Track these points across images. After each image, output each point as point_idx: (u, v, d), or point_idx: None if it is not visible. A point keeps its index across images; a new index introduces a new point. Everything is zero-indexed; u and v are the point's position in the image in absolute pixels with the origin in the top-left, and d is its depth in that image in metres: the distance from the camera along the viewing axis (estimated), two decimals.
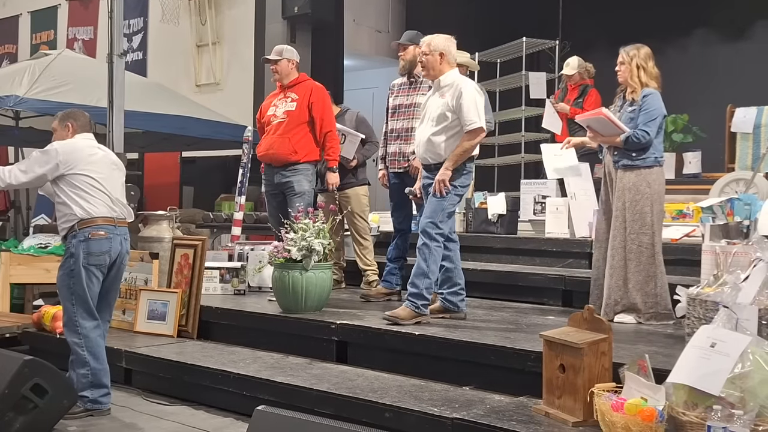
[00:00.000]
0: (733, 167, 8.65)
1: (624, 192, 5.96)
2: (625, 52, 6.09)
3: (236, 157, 9.93)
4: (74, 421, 5.32)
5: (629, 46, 6.12)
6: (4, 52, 17.64)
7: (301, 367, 5.72)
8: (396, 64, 7.12)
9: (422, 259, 5.88)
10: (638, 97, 5.99)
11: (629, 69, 6.02)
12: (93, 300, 5.51)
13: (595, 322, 4.38)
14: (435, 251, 5.87)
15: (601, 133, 6.05)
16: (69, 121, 5.67)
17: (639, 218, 5.94)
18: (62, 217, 5.46)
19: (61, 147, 5.47)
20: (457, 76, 6.00)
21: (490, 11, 12.13)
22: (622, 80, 6.11)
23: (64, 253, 5.51)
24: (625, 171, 5.98)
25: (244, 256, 8.00)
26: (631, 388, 3.98)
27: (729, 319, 4.10)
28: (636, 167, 5.95)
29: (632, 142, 5.89)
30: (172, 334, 6.79)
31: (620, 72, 6.11)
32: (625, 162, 5.97)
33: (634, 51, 6.05)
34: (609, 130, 5.98)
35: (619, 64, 6.11)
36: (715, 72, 10.47)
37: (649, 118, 5.92)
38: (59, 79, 9.53)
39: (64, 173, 5.41)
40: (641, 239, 5.94)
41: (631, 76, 6.01)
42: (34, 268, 7.84)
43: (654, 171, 6.00)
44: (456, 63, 6.13)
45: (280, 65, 7.55)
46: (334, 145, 7.44)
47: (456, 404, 4.70)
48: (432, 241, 5.85)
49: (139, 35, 15.13)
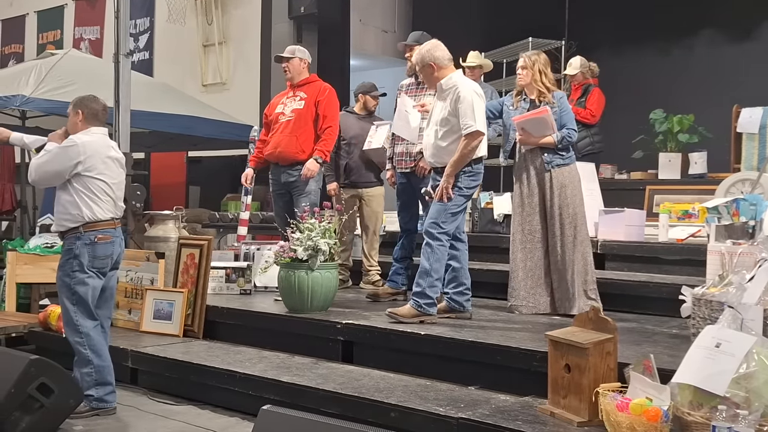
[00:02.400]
0: (739, 167, 8.63)
1: (562, 189, 6.31)
2: (527, 56, 6.47)
3: (242, 156, 9.96)
4: (80, 421, 5.33)
5: (529, 51, 6.63)
6: (10, 52, 17.69)
7: (306, 367, 5.72)
8: (402, 64, 7.13)
9: (425, 258, 5.93)
10: (552, 99, 6.35)
11: (531, 73, 6.38)
12: (93, 301, 5.53)
13: (600, 322, 4.38)
14: (438, 251, 5.89)
15: (533, 135, 6.33)
16: (80, 109, 5.58)
17: (580, 210, 6.34)
18: (65, 214, 5.43)
19: (83, 146, 5.42)
20: (458, 79, 5.99)
21: (497, 11, 12.13)
22: (524, 84, 6.44)
23: (65, 254, 5.49)
24: (559, 169, 6.33)
25: (250, 255, 8.00)
26: (636, 388, 3.98)
27: (734, 319, 4.10)
28: (567, 164, 6.38)
29: (566, 141, 6.31)
30: (178, 334, 6.80)
31: (521, 75, 6.45)
32: (558, 162, 6.35)
33: (535, 56, 6.47)
34: (542, 131, 6.29)
35: (520, 68, 6.47)
36: (720, 72, 10.45)
37: (570, 118, 6.39)
38: (65, 79, 9.56)
39: (81, 173, 5.40)
40: (583, 231, 6.34)
41: (535, 80, 6.37)
42: (41, 267, 7.84)
43: (575, 167, 6.46)
44: (452, 62, 6.12)
45: (292, 63, 7.57)
46: (329, 140, 7.43)
47: (461, 404, 4.70)
48: (434, 241, 5.88)
49: (146, 35, 15.17)
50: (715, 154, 9.22)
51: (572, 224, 6.27)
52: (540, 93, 6.36)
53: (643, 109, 9.60)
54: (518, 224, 6.46)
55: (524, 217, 6.42)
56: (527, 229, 6.40)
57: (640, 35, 11.11)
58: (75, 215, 5.41)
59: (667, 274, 6.86)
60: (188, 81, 13.97)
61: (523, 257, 6.41)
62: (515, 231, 6.49)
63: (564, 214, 6.27)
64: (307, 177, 7.34)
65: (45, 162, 5.41)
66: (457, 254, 6.11)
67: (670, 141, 9.31)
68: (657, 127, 9.42)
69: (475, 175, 6.00)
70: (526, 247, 6.41)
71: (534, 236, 6.39)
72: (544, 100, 6.35)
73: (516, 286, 6.44)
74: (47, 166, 5.41)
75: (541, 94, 6.36)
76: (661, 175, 9.26)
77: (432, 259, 5.90)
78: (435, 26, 9.68)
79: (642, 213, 7.78)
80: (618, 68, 10.72)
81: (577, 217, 6.29)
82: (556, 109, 6.30)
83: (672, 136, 9.28)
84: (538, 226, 6.38)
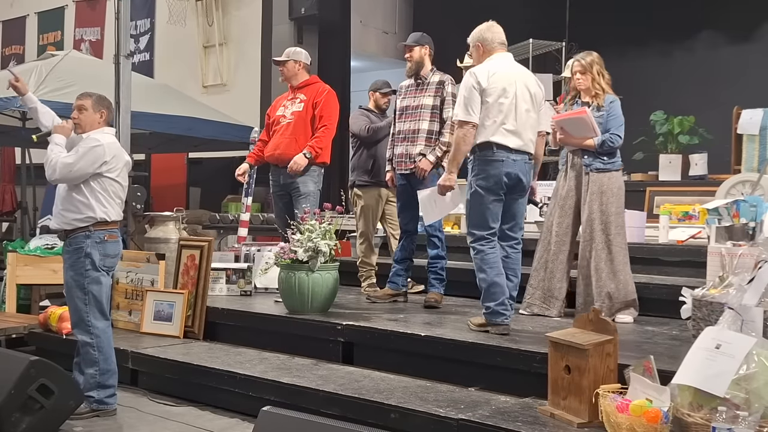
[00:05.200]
0: (740, 169, 8.63)
1: (600, 195, 6.10)
2: (582, 59, 6.23)
3: (243, 158, 9.94)
4: (80, 422, 5.33)
5: (581, 53, 6.32)
6: (11, 53, 17.70)
7: (307, 368, 5.72)
8: (403, 66, 7.12)
9: (475, 270, 5.75)
10: (603, 103, 6.15)
11: (590, 76, 6.18)
12: (107, 300, 5.55)
13: (600, 323, 4.39)
14: (475, 259, 5.70)
15: (573, 135, 6.17)
16: (103, 109, 5.57)
17: (615, 219, 6.09)
18: (76, 213, 5.40)
19: (108, 147, 5.42)
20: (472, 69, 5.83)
21: (497, 12, 12.11)
22: (584, 88, 6.23)
23: (74, 253, 5.45)
24: (598, 174, 6.13)
25: (250, 257, 8.01)
26: (637, 390, 3.98)
27: (734, 320, 4.11)
28: (608, 170, 6.14)
29: (607, 146, 6.08)
30: (178, 335, 6.80)
31: (581, 80, 6.23)
32: (598, 165, 6.13)
33: (590, 58, 6.22)
34: (583, 132, 6.10)
35: (578, 72, 6.24)
36: (721, 74, 10.45)
37: (618, 123, 6.15)
38: (66, 80, 9.56)
39: (103, 173, 5.39)
40: (618, 240, 6.09)
41: (593, 82, 6.18)
42: (41, 268, 7.84)
43: (620, 174, 6.24)
44: (502, 46, 5.91)
45: (287, 66, 7.60)
46: (322, 138, 7.41)
47: (462, 405, 4.70)
48: (472, 251, 5.71)
49: (146, 36, 15.18)
50: (716, 155, 9.22)
51: (605, 232, 6.04)
52: (596, 95, 6.16)
53: (644, 111, 9.58)
54: (551, 224, 6.34)
55: (558, 218, 6.28)
56: (557, 231, 6.28)
57: (641, 36, 11.11)
58: (86, 214, 5.39)
59: (667, 276, 6.86)
60: (189, 82, 13.97)
61: (547, 258, 6.30)
62: (546, 230, 6.37)
63: (597, 221, 6.07)
64: (293, 170, 7.31)
65: (74, 162, 5.32)
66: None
67: (670, 142, 9.31)
68: (657, 129, 9.42)
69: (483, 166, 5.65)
70: (551, 249, 6.30)
71: (562, 239, 6.26)
72: (594, 102, 6.15)
73: (534, 284, 6.35)
74: (77, 165, 5.33)
75: (596, 96, 6.16)
76: (662, 177, 9.26)
77: (477, 270, 5.69)
78: (436, 27, 9.69)
79: (642, 214, 7.78)
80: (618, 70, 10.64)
81: (611, 226, 6.05)
82: (603, 113, 6.10)
83: (672, 138, 9.27)
84: (569, 229, 6.25)
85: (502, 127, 5.56)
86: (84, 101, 5.57)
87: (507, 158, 5.58)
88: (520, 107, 5.60)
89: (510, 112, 5.58)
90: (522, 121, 5.61)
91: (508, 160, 5.58)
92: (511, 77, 5.64)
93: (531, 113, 5.68)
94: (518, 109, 5.60)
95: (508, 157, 5.58)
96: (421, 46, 6.88)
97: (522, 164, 5.64)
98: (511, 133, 5.57)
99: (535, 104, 5.73)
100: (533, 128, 5.71)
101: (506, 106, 5.57)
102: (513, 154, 5.58)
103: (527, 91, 5.67)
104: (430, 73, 6.92)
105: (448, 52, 9.75)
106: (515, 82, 5.64)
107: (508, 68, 5.73)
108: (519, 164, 5.62)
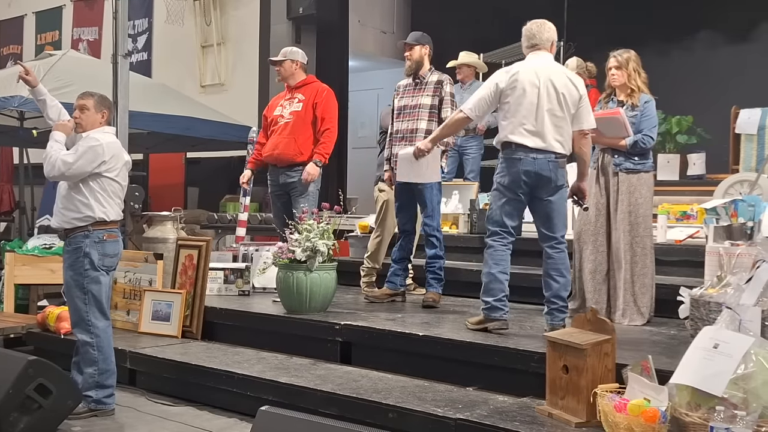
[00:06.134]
0: (738, 168, 8.64)
1: (629, 195, 6.03)
2: (618, 55, 6.14)
3: (241, 157, 9.96)
4: (78, 421, 5.33)
5: (620, 50, 6.19)
6: (9, 53, 17.68)
7: (305, 368, 5.72)
8: (401, 65, 7.12)
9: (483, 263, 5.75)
10: (638, 102, 6.06)
11: (626, 73, 6.09)
12: (107, 300, 5.55)
13: (598, 323, 4.39)
14: (485, 253, 5.69)
15: (605, 135, 6.06)
16: (105, 109, 5.60)
17: (643, 221, 6.03)
18: (75, 212, 5.40)
19: (108, 147, 5.43)
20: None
21: (495, 12, 12.12)
22: (619, 84, 6.15)
23: (73, 253, 5.46)
24: (628, 174, 6.05)
25: (248, 256, 8.01)
26: (635, 389, 3.99)
27: (732, 320, 4.10)
28: (638, 171, 6.07)
29: (639, 146, 6.01)
30: (176, 335, 6.79)
31: (616, 76, 6.14)
32: (628, 166, 6.06)
33: (627, 55, 6.13)
34: (615, 132, 6.01)
35: (613, 68, 6.16)
36: (719, 73, 10.44)
37: (651, 124, 6.08)
38: (64, 80, 9.55)
39: (102, 173, 5.40)
40: (645, 242, 6.02)
41: (629, 79, 6.09)
42: (39, 268, 7.85)
43: (651, 176, 6.15)
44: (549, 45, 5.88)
45: (284, 66, 7.58)
46: (328, 142, 7.41)
47: (459, 405, 4.70)
48: (486, 246, 5.72)
49: (144, 36, 15.17)
50: (714, 155, 9.22)
51: (631, 233, 6.01)
52: (631, 93, 6.09)
53: None
54: (585, 222, 6.24)
55: (592, 216, 6.18)
56: (591, 230, 6.19)
57: (639, 36, 11.06)
58: (85, 213, 5.40)
59: (665, 275, 6.85)
60: (187, 82, 13.97)
61: (587, 256, 6.21)
62: (582, 229, 6.26)
63: (625, 221, 6.02)
64: (308, 181, 7.33)
65: (73, 160, 5.33)
66: None
67: (668, 142, 9.30)
68: None
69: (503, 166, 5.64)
70: (588, 248, 6.21)
71: (597, 238, 6.18)
72: (629, 101, 6.08)
73: (580, 286, 6.25)
74: (76, 164, 5.33)
75: (631, 94, 6.09)
76: (660, 176, 9.24)
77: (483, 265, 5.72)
78: (434, 27, 9.68)
79: None
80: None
81: (639, 227, 6.01)
82: (637, 112, 6.05)
83: (671, 137, 9.27)
84: (602, 228, 6.16)
85: (522, 128, 5.49)
86: (86, 101, 5.58)
87: (526, 156, 5.49)
88: (542, 108, 5.49)
89: (530, 112, 5.48)
90: (544, 122, 5.49)
91: (527, 158, 5.49)
92: (535, 77, 5.54)
93: (556, 113, 5.52)
94: (540, 110, 5.48)
95: (527, 155, 5.49)
96: (421, 46, 6.88)
97: (544, 162, 5.50)
98: (530, 133, 5.48)
99: (565, 104, 5.54)
100: (558, 128, 5.54)
101: (526, 106, 5.49)
102: (533, 152, 5.50)
103: (554, 91, 5.52)
104: (428, 73, 6.92)
105: (446, 52, 9.77)
106: (540, 81, 5.52)
107: (536, 68, 5.62)
108: (540, 162, 5.50)
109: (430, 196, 6.77)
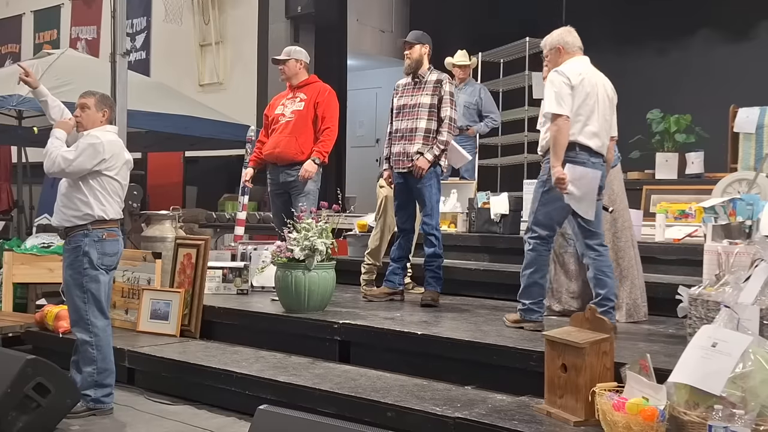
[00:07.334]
0: (736, 167, 8.64)
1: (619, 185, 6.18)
2: None
3: (239, 156, 9.94)
4: (77, 420, 5.33)
5: None
6: (7, 52, 17.67)
7: (303, 367, 5.72)
8: (400, 64, 7.12)
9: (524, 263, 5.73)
10: None
11: None
12: (107, 299, 5.54)
13: (596, 321, 4.39)
14: (529, 254, 5.66)
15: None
16: (106, 108, 5.60)
17: (620, 215, 6.18)
18: (75, 211, 5.40)
19: (108, 145, 5.42)
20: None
21: (494, 11, 12.13)
22: None
23: (73, 252, 5.46)
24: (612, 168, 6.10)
25: (247, 255, 8.00)
26: (633, 388, 3.99)
27: (730, 319, 4.10)
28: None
29: None
30: (174, 334, 6.79)
31: None
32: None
33: None
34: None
35: None
36: (718, 72, 10.44)
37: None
38: (62, 79, 9.54)
39: (102, 171, 5.40)
40: (626, 234, 6.16)
41: None
42: (37, 267, 7.84)
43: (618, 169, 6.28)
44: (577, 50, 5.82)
45: (288, 65, 7.59)
46: (327, 141, 7.42)
47: (458, 404, 4.71)
48: (527, 246, 5.67)
49: (143, 35, 15.16)
50: (712, 154, 9.22)
51: (611, 230, 6.05)
52: None
53: (640, 109, 9.58)
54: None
55: None
56: None
57: (637, 35, 11.11)
58: (85, 212, 5.40)
59: (664, 274, 6.87)
60: (185, 81, 13.96)
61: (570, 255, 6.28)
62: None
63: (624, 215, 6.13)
64: (305, 178, 7.33)
65: (74, 157, 5.33)
66: None
67: (667, 141, 9.30)
68: (654, 127, 9.41)
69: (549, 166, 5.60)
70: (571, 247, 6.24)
71: None
72: None
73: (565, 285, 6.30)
74: (76, 161, 5.33)
75: None
76: (658, 175, 9.26)
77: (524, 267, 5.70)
78: (432, 26, 9.68)
79: (639, 213, 7.76)
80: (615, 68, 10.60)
81: (617, 222, 6.10)
82: None
83: (669, 136, 9.26)
84: None
85: (587, 128, 5.49)
86: (87, 100, 5.59)
87: (587, 161, 5.49)
88: (601, 110, 5.53)
89: (593, 113, 5.50)
90: (602, 124, 5.55)
91: (588, 163, 5.50)
92: (593, 80, 5.58)
93: (608, 117, 5.62)
94: (600, 112, 5.53)
95: (589, 160, 5.50)
96: (421, 45, 6.88)
97: (599, 166, 5.56)
98: (594, 135, 5.50)
99: (612, 109, 5.67)
100: (608, 133, 5.64)
101: (590, 107, 5.50)
102: (593, 157, 5.52)
103: (606, 96, 5.60)
104: (427, 72, 6.92)
105: (444, 51, 9.78)
106: (596, 84, 5.57)
107: (592, 71, 5.66)
108: (597, 167, 5.54)
109: (429, 194, 6.77)
